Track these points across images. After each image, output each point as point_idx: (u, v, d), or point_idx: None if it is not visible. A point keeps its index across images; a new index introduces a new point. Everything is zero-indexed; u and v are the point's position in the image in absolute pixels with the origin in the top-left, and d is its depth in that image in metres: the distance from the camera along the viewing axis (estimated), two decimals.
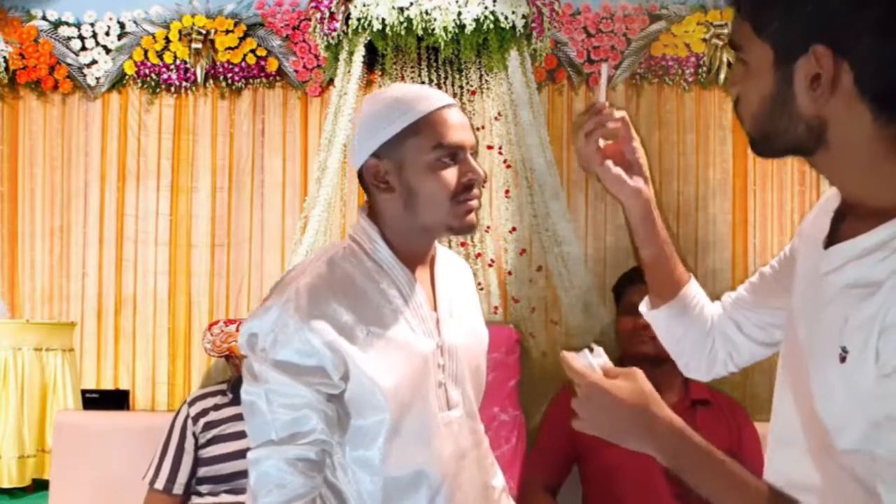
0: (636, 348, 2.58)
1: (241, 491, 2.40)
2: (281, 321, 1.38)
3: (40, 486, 3.91)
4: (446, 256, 1.62)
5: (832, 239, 1.11)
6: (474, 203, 1.46)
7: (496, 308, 3.73)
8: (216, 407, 2.57)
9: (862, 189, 1.06)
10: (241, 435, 2.46)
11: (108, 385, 4.49)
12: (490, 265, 3.77)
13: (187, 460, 2.51)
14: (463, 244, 3.70)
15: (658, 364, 2.59)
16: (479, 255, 3.73)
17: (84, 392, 4.19)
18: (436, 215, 1.45)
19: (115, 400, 4.31)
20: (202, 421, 2.53)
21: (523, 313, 3.68)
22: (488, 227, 3.80)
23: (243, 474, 2.42)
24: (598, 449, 2.52)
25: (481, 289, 3.72)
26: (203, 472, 2.51)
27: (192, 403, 2.57)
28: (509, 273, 3.77)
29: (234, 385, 2.60)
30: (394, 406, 1.39)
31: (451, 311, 1.54)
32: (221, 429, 2.52)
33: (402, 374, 1.41)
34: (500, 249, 3.81)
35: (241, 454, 2.40)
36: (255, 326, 1.40)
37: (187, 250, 4.56)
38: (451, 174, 1.43)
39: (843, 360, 1.02)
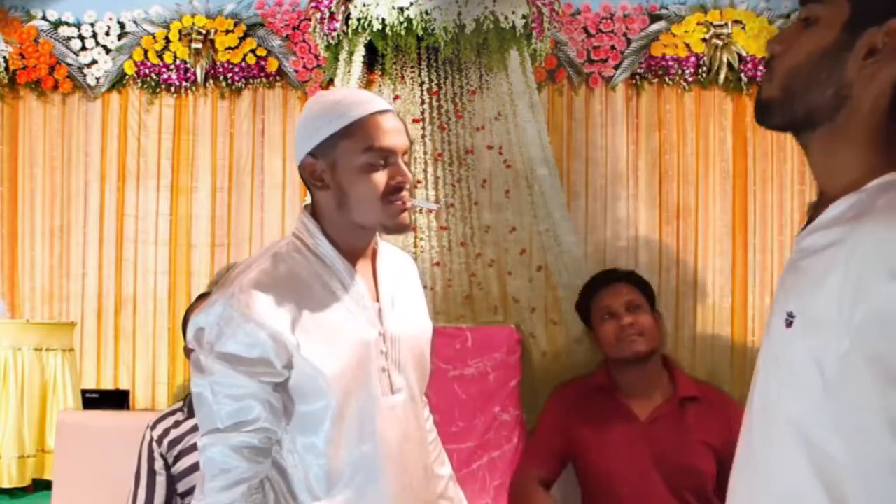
0: (628, 349, 2.57)
1: None
2: (226, 314, 1.44)
3: (40, 486, 3.91)
4: (389, 251, 1.69)
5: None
6: (405, 205, 1.53)
7: (496, 308, 3.73)
8: (176, 424, 2.68)
9: (840, 175, 1.10)
10: None
11: (108, 385, 4.50)
12: (490, 265, 3.77)
13: (161, 481, 2.62)
14: (463, 244, 3.70)
15: (646, 361, 2.60)
16: (479, 254, 3.73)
17: (84, 392, 4.19)
18: (367, 214, 1.52)
19: (115, 400, 4.30)
20: (166, 441, 2.65)
21: (523, 313, 3.68)
22: (488, 227, 3.80)
23: None
24: (592, 451, 2.54)
25: (481, 289, 3.72)
26: (181, 486, 2.62)
27: (153, 427, 2.69)
28: (509, 273, 3.77)
29: (191, 402, 2.71)
30: (337, 391, 1.47)
31: (393, 301, 1.61)
32: (185, 442, 2.64)
33: (344, 361, 1.48)
34: (501, 249, 3.81)
35: None
36: (202, 321, 1.47)
37: (187, 250, 4.56)
38: (380, 177, 1.50)
39: (789, 325, 1.05)
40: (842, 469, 1.00)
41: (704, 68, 4.39)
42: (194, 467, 2.60)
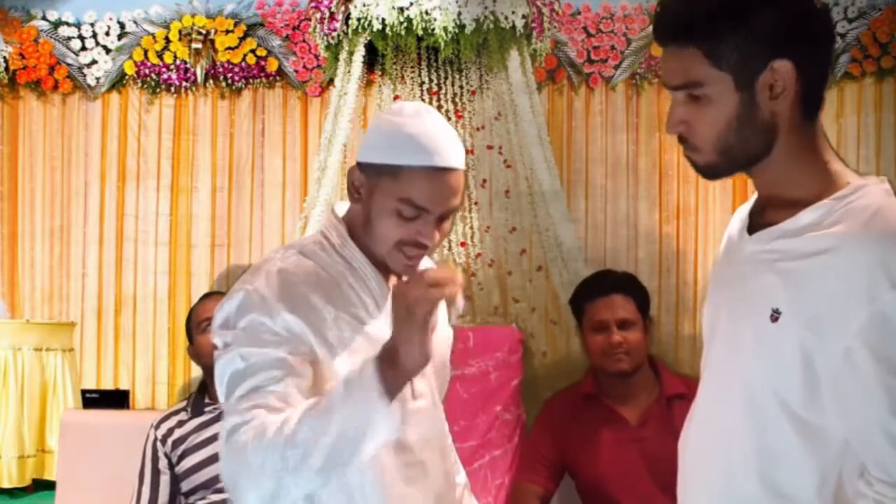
0: (612, 366, 2.60)
1: (224, 490, 2.54)
2: (248, 299, 1.43)
3: (40, 486, 3.91)
4: None
5: (753, 228, 1.32)
6: (413, 262, 1.50)
7: (496, 308, 3.73)
8: (180, 424, 2.72)
9: (786, 183, 1.28)
10: (207, 442, 2.63)
11: (108, 385, 4.49)
12: (490, 265, 3.78)
13: (165, 480, 2.65)
14: (462, 244, 3.71)
15: (633, 374, 2.62)
16: (479, 254, 3.74)
17: (84, 392, 4.19)
18: (379, 248, 1.51)
19: (115, 400, 4.30)
20: (170, 440, 2.69)
21: (523, 313, 3.68)
22: (488, 227, 3.80)
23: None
24: (585, 459, 2.56)
25: (481, 289, 3.73)
26: (185, 484, 2.64)
27: (157, 427, 2.73)
28: (509, 273, 3.77)
29: (195, 401, 2.73)
30: None
31: None
32: (189, 441, 2.67)
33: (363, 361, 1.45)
34: (500, 249, 3.81)
35: (212, 459, 2.60)
36: (226, 309, 1.46)
37: (187, 250, 4.55)
38: (404, 226, 1.46)
39: (775, 319, 1.20)
40: (825, 431, 1.20)
41: None
42: (198, 466, 2.62)
